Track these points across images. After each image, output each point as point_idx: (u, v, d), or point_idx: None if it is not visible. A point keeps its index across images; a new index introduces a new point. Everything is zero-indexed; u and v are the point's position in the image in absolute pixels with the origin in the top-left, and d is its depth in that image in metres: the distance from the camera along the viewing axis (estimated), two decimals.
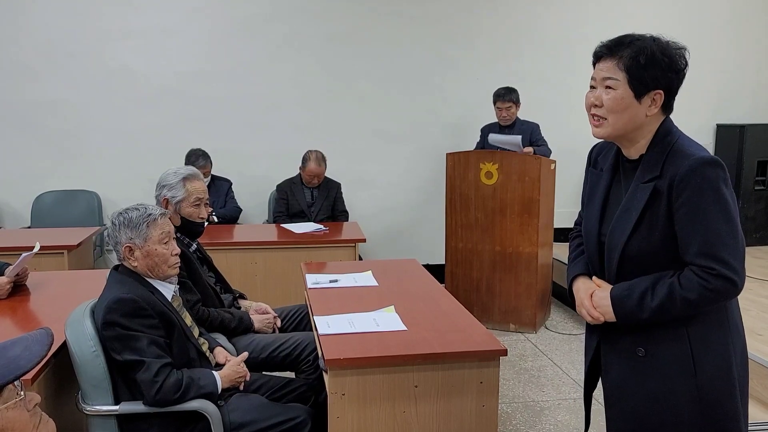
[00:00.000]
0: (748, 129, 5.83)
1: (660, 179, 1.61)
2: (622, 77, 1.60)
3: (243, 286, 3.39)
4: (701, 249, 1.56)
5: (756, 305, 4.05)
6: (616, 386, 1.75)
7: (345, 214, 5.05)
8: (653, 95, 1.61)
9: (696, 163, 1.56)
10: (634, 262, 1.65)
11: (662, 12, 5.81)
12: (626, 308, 1.64)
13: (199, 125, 5.31)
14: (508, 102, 4.94)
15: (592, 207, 1.79)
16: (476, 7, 5.60)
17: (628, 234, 1.64)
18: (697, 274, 1.56)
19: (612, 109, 1.62)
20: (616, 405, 1.77)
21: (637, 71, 1.59)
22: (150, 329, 2.12)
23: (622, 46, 1.62)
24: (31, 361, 1.21)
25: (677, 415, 1.64)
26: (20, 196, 5.21)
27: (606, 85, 1.63)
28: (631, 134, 1.66)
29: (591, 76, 1.68)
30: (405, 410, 2.14)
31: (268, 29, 5.36)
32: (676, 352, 1.63)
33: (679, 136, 1.65)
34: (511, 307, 4.60)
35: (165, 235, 2.27)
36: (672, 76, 1.62)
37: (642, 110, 1.62)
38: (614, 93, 1.62)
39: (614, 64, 1.61)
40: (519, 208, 4.47)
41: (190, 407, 2.13)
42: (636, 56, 1.59)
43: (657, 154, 1.64)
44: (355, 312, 2.53)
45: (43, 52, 5.12)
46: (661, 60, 1.59)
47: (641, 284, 1.63)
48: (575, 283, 1.83)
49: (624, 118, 1.62)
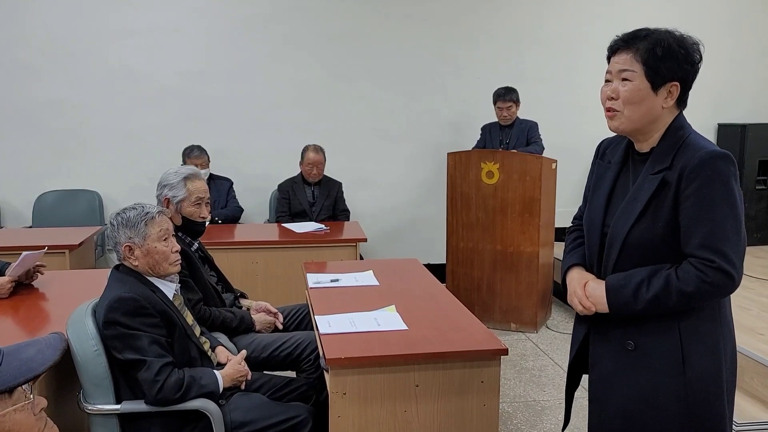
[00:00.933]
0: (749, 128, 5.83)
1: (669, 170, 1.61)
2: (638, 69, 1.61)
3: (244, 285, 3.39)
4: (704, 240, 1.55)
5: (757, 305, 4.05)
6: (604, 380, 1.74)
7: (346, 213, 5.05)
8: (669, 87, 1.62)
9: (708, 155, 1.57)
10: (634, 251, 1.64)
11: (663, 11, 5.80)
12: (620, 299, 1.63)
13: (200, 125, 5.31)
14: (509, 101, 4.94)
15: (597, 197, 1.78)
16: (478, 6, 5.60)
17: (632, 222, 1.63)
18: (696, 266, 1.56)
19: (629, 100, 1.62)
20: (600, 399, 1.76)
21: (654, 62, 1.59)
22: (151, 328, 2.12)
23: (638, 39, 1.62)
24: (44, 365, 1.21)
25: (663, 413, 1.63)
26: (22, 195, 5.22)
27: (623, 78, 1.63)
28: (647, 127, 1.66)
29: (606, 70, 1.68)
30: (406, 409, 2.14)
31: (269, 29, 5.36)
32: (666, 346, 1.62)
33: (691, 132, 1.66)
34: (512, 307, 4.60)
35: (164, 232, 2.27)
36: (688, 68, 1.63)
37: (658, 102, 1.62)
38: (631, 84, 1.62)
39: (631, 57, 1.62)
40: (520, 208, 4.47)
41: (191, 406, 2.13)
42: (653, 48, 1.59)
43: (668, 146, 1.64)
44: (356, 311, 2.53)
45: (45, 52, 5.13)
46: (678, 52, 1.60)
47: (638, 275, 1.62)
48: (569, 273, 1.82)
49: (641, 110, 1.62)
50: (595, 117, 5.36)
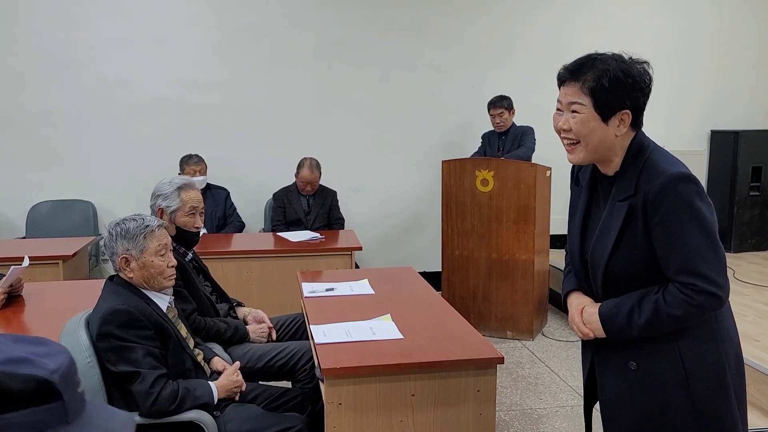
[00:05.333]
0: (742, 135, 5.85)
1: (634, 197, 1.60)
2: (587, 101, 1.59)
3: (239, 294, 3.38)
4: (681, 266, 1.56)
5: (752, 311, 4.05)
6: (612, 401, 1.75)
7: (341, 222, 5.04)
8: (621, 115, 1.60)
9: (666, 180, 1.55)
10: (618, 280, 1.66)
11: (655, 19, 5.85)
12: (615, 326, 1.65)
13: (194, 134, 5.30)
14: (500, 108, 4.97)
15: (573, 225, 1.79)
16: (471, 15, 5.62)
17: (608, 254, 1.64)
18: (681, 290, 1.56)
19: (581, 132, 1.61)
20: (612, 420, 1.76)
21: (602, 94, 1.57)
22: (145, 340, 2.11)
23: (585, 69, 1.60)
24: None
25: (674, 428, 1.63)
26: (15, 206, 5.20)
27: (572, 110, 1.61)
28: (605, 154, 1.65)
29: (557, 99, 1.66)
30: (402, 419, 2.13)
31: (263, 39, 5.37)
32: (668, 365, 1.63)
33: (651, 151, 1.64)
34: (507, 315, 4.60)
35: (162, 247, 2.26)
36: (637, 95, 1.60)
37: (611, 131, 1.61)
38: (581, 117, 1.60)
39: (578, 89, 1.59)
40: (515, 215, 4.48)
41: (186, 418, 2.11)
42: (599, 79, 1.57)
43: (631, 171, 1.63)
44: (352, 320, 2.52)
45: (38, 62, 5.12)
46: (625, 81, 1.58)
47: (628, 302, 1.63)
48: (568, 298, 1.83)
49: (594, 141, 1.61)
50: None
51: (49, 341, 0.95)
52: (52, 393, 0.86)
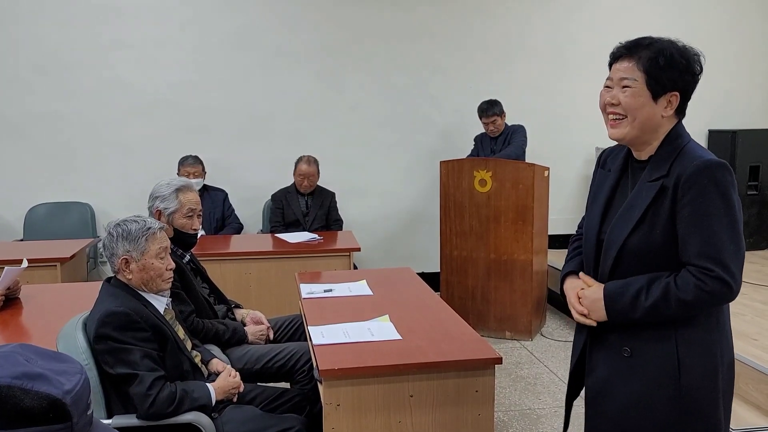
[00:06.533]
0: (739, 134, 5.86)
1: (666, 178, 1.61)
2: (640, 77, 1.61)
3: (237, 296, 3.37)
4: (702, 250, 1.55)
5: (750, 310, 4.06)
6: (600, 386, 1.74)
7: (339, 222, 5.04)
8: (669, 96, 1.62)
9: (704, 164, 1.57)
10: (631, 259, 1.64)
11: (654, 19, 5.84)
12: (619, 306, 1.63)
13: (193, 136, 5.30)
14: (492, 116, 4.97)
15: (595, 205, 1.79)
16: (469, 16, 5.62)
17: (630, 230, 1.63)
18: (694, 274, 1.55)
19: (629, 106, 1.62)
20: (597, 405, 1.75)
21: (656, 72, 1.60)
22: (143, 342, 2.10)
23: (641, 47, 1.62)
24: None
25: (658, 420, 1.63)
26: (13, 208, 5.19)
27: (623, 85, 1.63)
28: (646, 135, 1.66)
29: (607, 77, 1.68)
30: (401, 420, 2.13)
31: (261, 40, 5.36)
32: (662, 354, 1.62)
33: (689, 141, 1.66)
34: (506, 315, 4.59)
35: (162, 249, 2.27)
36: (689, 79, 1.63)
37: (658, 111, 1.63)
38: (632, 90, 1.62)
39: (633, 65, 1.62)
40: (513, 216, 4.48)
41: (184, 420, 2.11)
42: (655, 57, 1.60)
43: (666, 154, 1.64)
44: (350, 321, 2.52)
45: (36, 64, 5.11)
46: (680, 62, 1.61)
47: (636, 283, 1.62)
48: (566, 281, 1.83)
49: (641, 118, 1.62)
50: (586, 125, 5.41)
51: (68, 358, 0.94)
52: (62, 414, 0.85)
